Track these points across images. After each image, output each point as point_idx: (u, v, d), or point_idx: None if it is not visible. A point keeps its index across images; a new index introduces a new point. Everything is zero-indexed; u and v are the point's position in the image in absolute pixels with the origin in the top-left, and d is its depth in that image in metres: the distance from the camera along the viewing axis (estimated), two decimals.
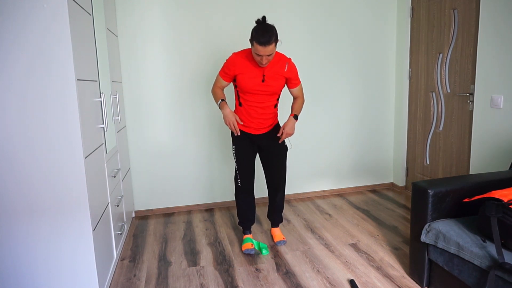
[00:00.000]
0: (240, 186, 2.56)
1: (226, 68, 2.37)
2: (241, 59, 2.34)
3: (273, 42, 2.15)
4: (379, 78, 3.76)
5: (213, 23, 3.28)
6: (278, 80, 2.38)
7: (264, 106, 2.42)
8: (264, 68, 2.34)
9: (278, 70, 2.37)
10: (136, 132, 3.27)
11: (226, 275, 2.31)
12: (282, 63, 2.38)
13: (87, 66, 1.99)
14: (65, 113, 1.76)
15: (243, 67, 2.33)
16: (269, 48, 2.14)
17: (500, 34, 2.56)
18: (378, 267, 2.35)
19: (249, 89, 2.35)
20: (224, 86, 2.47)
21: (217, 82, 2.46)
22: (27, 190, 1.78)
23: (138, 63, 3.20)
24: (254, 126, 2.46)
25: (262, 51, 2.15)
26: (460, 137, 3.06)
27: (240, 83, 2.36)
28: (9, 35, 1.66)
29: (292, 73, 2.42)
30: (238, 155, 2.51)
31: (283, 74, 2.39)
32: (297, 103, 2.55)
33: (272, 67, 2.35)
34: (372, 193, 3.81)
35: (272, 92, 2.39)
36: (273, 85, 2.36)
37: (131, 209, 3.23)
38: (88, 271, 1.91)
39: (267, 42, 2.12)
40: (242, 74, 2.34)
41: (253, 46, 2.19)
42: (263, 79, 2.33)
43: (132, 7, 3.11)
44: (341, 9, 3.54)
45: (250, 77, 2.33)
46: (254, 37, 2.15)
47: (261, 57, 2.20)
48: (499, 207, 1.69)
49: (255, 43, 2.15)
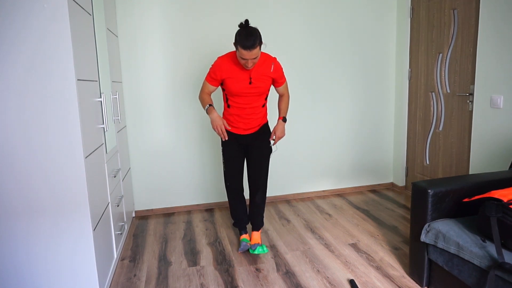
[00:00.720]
0: (228, 185, 2.59)
1: (212, 73, 2.36)
2: (227, 63, 2.33)
3: (257, 46, 2.14)
4: (379, 78, 3.76)
5: (213, 23, 3.28)
6: (265, 81, 2.38)
7: (253, 106, 2.43)
8: (250, 71, 2.33)
9: (264, 71, 2.37)
10: (136, 132, 3.27)
11: (226, 275, 2.31)
12: (267, 63, 2.38)
13: (87, 66, 1.99)
14: (65, 113, 1.76)
15: (229, 71, 2.33)
16: (254, 52, 2.15)
17: (500, 34, 2.56)
18: (378, 267, 2.35)
19: (237, 92, 2.36)
20: (212, 91, 2.45)
21: (204, 88, 2.44)
22: (27, 190, 1.78)
23: (138, 63, 3.20)
24: (243, 127, 2.47)
25: (248, 55, 2.15)
26: (460, 137, 3.06)
27: (227, 87, 2.37)
28: (9, 35, 1.66)
29: (277, 73, 2.42)
30: (225, 156, 2.54)
31: (269, 75, 2.39)
32: (283, 101, 2.56)
33: (258, 68, 2.35)
34: (372, 193, 3.81)
35: (260, 93, 2.40)
36: (260, 86, 2.37)
37: (131, 209, 3.23)
38: (88, 271, 1.91)
39: (251, 46, 2.12)
40: (229, 78, 2.34)
41: (238, 51, 2.18)
42: (250, 81, 2.34)
43: (132, 7, 3.11)
44: (341, 9, 3.54)
45: (238, 81, 2.33)
46: (238, 42, 2.14)
47: (246, 61, 2.21)
48: (499, 207, 1.69)
49: (240, 47, 2.14)
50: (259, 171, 2.57)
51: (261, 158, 2.56)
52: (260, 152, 2.55)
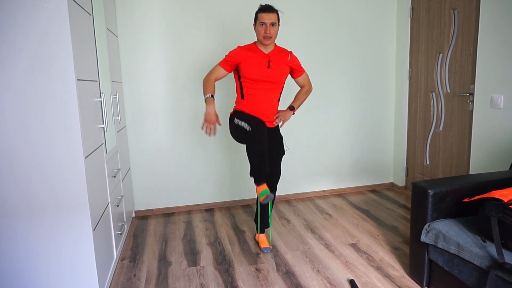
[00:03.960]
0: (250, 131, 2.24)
1: (228, 57, 2.38)
2: (246, 49, 2.40)
3: (275, 12, 2.32)
4: (379, 78, 3.76)
5: (213, 22, 3.28)
6: (283, 66, 2.43)
7: (268, 98, 2.42)
8: (269, 55, 2.38)
9: (282, 58, 2.44)
10: (136, 132, 3.27)
11: (226, 275, 2.31)
12: (285, 52, 2.47)
13: (87, 66, 1.99)
14: (65, 113, 1.76)
15: (247, 56, 2.37)
16: (272, 16, 2.29)
17: (500, 34, 2.56)
18: (378, 267, 2.35)
19: (254, 76, 2.34)
20: (220, 77, 2.41)
21: (214, 72, 2.40)
22: (27, 190, 1.78)
23: (138, 63, 3.20)
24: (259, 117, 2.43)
25: (266, 18, 2.28)
26: (460, 137, 3.06)
27: (244, 71, 2.35)
28: (9, 35, 1.66)
29: (294, 62, 2.50)
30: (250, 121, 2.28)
31: (287, 62, 2.46)
32: (301, 92, 2.62)
33: (276, 54, 2.42)
34: (372, 193, 3.81)
35: (277, 80, 2.40)
36: (278, 70, 2.39)
37: (131, 209, 3.23)
38: (88, 271, 1.91)
39: (269, 9, 2.30)
40: (246, 61, 2.35)
41: (257, 20, 2.32)
42: (268, 65, 2.37)
43: (132, 7, 3.11)
44: (341, 9, 3.54)
45: (255, 63, 2.35)
46: (257, 11, 2.33)
47: (265, 27, 2.28)
48: (499, 207, 1.69)
49: (259, 13, 2.31)
50: (273, 174, 2.54)
51: (276, 161, 2.54)
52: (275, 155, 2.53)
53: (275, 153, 2.54)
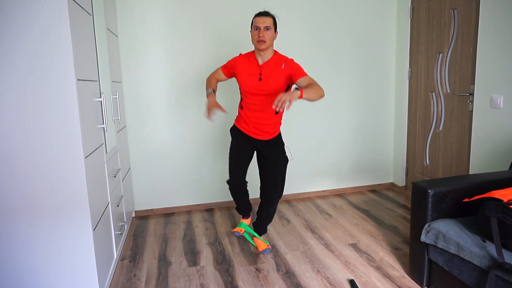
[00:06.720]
0: (228, 181, 2.61)
1: (228, 63, 2.48)
2: (244, 58, 2.42)
3: (271, 16, 2.29)
4: (379, 78, 3.76)
5: (214, 22, 3.28)
6: (276, 78, 2.30)
7: (264, 109, 2.38)
8: (261, 67, 2.34)
9: (275, 69, 2.32)
10: (136, 132, 3.27)
11: (226, 275, 2.31)
12: (279, 62, 2.33)
13: (87, 66, 1.99)
14: (65, 113, 1.76)
15: (242, 66, 2.39)
16: (267, 19, 2.26)
17: (500, 34, 2.56)
18: (378, 267, 2.35)
19: (247, 88, 2.36)
20: (220, 79, 2.53)
21: (216, 73, 2.54)
22: (26, 190, 1.78)
23: (138, 63, 3.20)
24: (253, 131, 2.44)
25: (260, 21, 2.26)
26: (460, 137, 3.06)
27: (239, 82, 2.42)
28: (9, 35, 1.66)
29: (291, 67, 2.29)
30: (231, 151, 2.57)
31: (282, 72, 2.30)
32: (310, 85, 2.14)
33: (269, 65, 2.33)
34: (372, 193, 3.81)
35: (270, 93, 2.32)
36: (270, 83, 2.31)
37: (131, 209, 3.23)
38: (88, 271, 1.91)
39: (265, 14, 2.28)
40: (241, 72, 2.39)
41: (252, 25, 2.31)
42: (260, 77, 2.33)
43: (132, 7, 3.11)
44: (341, 9, 3.54)
45: (248, 75, 2.36)
46: (253, 17, 2.33)
47: (259, 31, 2.26)
48: (499, 207, 1.69)
49: (254, 18, 2.31)
50: (274, 187, 2.48)
51: (277, 173, 2.47)
52: (275, 167, 2.47)
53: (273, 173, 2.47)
